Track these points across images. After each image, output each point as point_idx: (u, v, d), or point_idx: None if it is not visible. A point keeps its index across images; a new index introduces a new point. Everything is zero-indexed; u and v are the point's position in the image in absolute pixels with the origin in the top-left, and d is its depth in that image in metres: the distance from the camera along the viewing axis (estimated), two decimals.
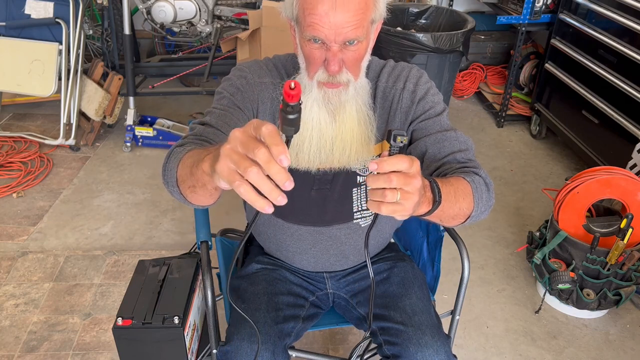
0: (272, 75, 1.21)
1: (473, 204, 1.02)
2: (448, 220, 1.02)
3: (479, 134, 3.38)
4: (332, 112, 1.12)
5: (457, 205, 0.99)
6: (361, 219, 1.29)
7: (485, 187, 1.06)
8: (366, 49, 1.10)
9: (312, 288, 1.39)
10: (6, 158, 2.92)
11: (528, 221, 2.61)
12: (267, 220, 1.34)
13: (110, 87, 3.08)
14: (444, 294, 2.07)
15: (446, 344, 1.21)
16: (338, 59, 1.05)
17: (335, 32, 1.01)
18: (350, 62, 1.07)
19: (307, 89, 1.12)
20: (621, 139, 2.50)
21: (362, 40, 1.05)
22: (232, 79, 1.20)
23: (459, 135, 1.16)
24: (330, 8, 0.99)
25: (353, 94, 1.12)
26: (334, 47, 1.03)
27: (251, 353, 1.16)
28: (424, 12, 3.22)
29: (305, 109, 1.12)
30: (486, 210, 1.06)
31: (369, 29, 1.07)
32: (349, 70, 1.08)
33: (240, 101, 1.17)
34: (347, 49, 1.05)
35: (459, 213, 1.01)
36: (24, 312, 2.01)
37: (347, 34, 1.02)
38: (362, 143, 1.16)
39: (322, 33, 1.02)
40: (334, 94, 1.10)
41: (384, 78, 1.21)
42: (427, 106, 1.18)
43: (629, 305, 2.15)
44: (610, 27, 2.60)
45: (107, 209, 2.62)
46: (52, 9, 2.91)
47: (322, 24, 1.01)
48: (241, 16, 3.21)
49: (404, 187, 0.80)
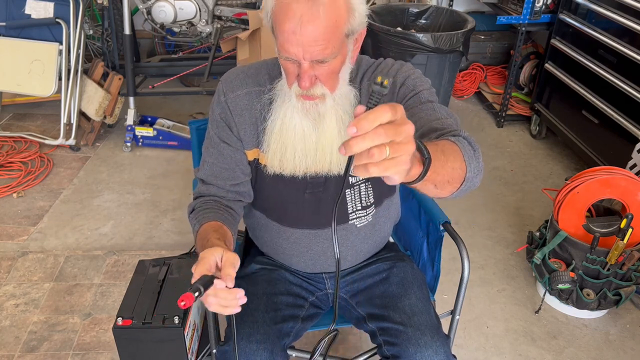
0: (247, 84, 1.21)
1: (465, 163, 0.92)
2: (444, 186, 0.90)
3: (479, 134, 3.38)
4: (313, 120, 1.12)
5: (449, 164, 0.89)
6: (356, 219, 1.30)
7: (470, 146, 0.96)
8: (342, 62, 1.07)
9: (311, 288, 1.39)
10: (6, 158, 2.92)
11: (528, 221, 2.61)
12: (264, 225, 1.34)
13: (111, 87, 3.08)
14: (444, 294, 2.07)
15: (445, 344, 1.21)
16: (309, 75, 1.03)
17: (304, 50, 0.99)
18: (324, 77, 1.06)
19: (287, 98, 1.12)
20: (621, 139, 2.50)
21: (335, 56, 1.03)
22: (213, 108, 1.24)
23: (440, 107, 1.11)
24: (297, 26, 0.97)
25: (331, 104, 1.11)
26: (304, 65, 1.02)
27: (250, 352, 1.16)
28: (424, 12, 3.22)
29: (286, 118, 1.13)
30: (478, 172, 0.96)
31: (344, 43, 1.04)
32: (324, 84, 1.07)
33: (225, 135, 1.22)
34: (319, 66, 1.03)
35: (452, 175, 0.90)
36: (24, 312, 2.01)
37: (315, 54, 1.00)
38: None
39: (291, 52, 1.00)
40: (311, 106, 1.10)
41: (369, 75, 1.21)
42: (408, 90, 1.16)
43: (629, 305, 2.15)
44: (610, 27, 2.60)
45: (107, 209, 2.62)
46: (52, 9, 2.92)
47: (290, 42, 0.99)
48: (241, 16, 3.21)
49: (395, 138, 0.67)
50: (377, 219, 1.33)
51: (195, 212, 1.21)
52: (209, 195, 1.25)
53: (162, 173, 2.92)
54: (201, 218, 1.17)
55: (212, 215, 1.18)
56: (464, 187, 0.93)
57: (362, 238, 1.33)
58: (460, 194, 0.95)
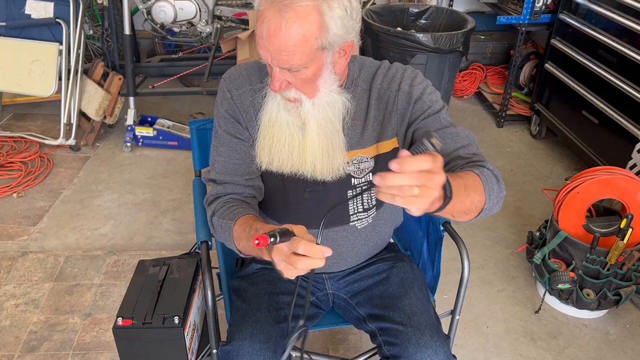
0: (251, 81, 1.22)
1: (485, 196, 1.00)
2: (460, 216, 0.99)
3: (479, 134, 3.38)
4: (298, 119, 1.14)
5: (469, 199, 0.96)
6: (357, 221, 1.30)
7: (495, 178, 1.04)
8: (317, 73, 1.07)
9: (312, 289, 1.39)
10: (6, 158, 2.92)
11: (528, 221, 2.61)
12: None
13: (111, 87, 3.08)
14: (444, 294, 2.07)
15: (445, 344, 1.21)
16: (278, 79, 1.06)
17: (272, 57, 1.02)
18: (297, 84, 1.08)
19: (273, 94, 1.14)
20: (621, 139, 2.50)
21: (305, 67, 1.04)
22: (217, 106, 1.24)
23: (460, 131, 1.15)
24: (267, 33, 1.00)
25: (310, 109, 1.12)
26: (274, 70, 1.05)
27: (253, 352, 1.16)
28: (424, 12, 3.22)
29: (273, 112, 1.15)
30: (498, 202, 1.04)
31: (317, 56, 1.04)
32: (298, 89, 1.09)
33: (233, 129, 1.22)
34: (289, 73, 1.05)
35: (471, 207, 0.99)
36: (24, 312, 2.01)
37: (281, 62, 1.02)
38: (323, 157, 1.16)
39: (263, 54, 1.04)
40: (292, 107, 1.13)
41: (379, 79, 1.21)
42: (425, 106, 1.17)
43: (629, 305, 2.15)
44: (610, 27, 2.60)
45: (107, 209, 2.62)
46: (52, 9, 2.92)
47: (260, 46, 1.03)
48: (241, 16, 3.21)
49: (427, 184, 0.77)
50: (378, 221, 1.34)
51: (221, 213, 1.18)
52: (226, 194, 1.22)
53: (162, 173, 2.92)
54: (232, 215, 1.15)
55: (241, 211, 1.16)
56: (481, 215, 1.02)
57: (363, 239, 1.33)
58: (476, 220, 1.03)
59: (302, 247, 0.86)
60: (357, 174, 1.24)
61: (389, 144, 1.23)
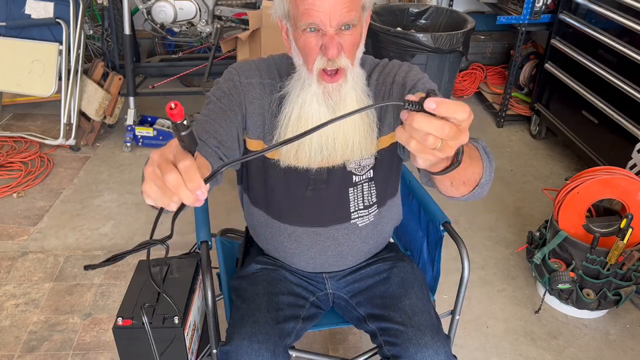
0: (261, 75, 1.22)
1: (482, 169, 0.97)
2: (458, 185, 0.96)
3: (479, 134, 3.37)
4: (333, 108, 1.12)
5: (470, 169, 0.94)
6: (358, 218, 1.30)
7: (487, 156, 1.01)
8: (360, 35, 1.10)
9: (312, 288, 1.39)
10: (6, 158, 2.92)
11: (528, 221, 2.61)
12: (264, 222, 1.34)
13: (111, 87, 3.08)
14: (444, 294, 2.07)
15: (446, 344, 1.21)
16: (336, 42, 1.05)
17: (330, 15, 1.02)
18: (347, 47, 1.08)
19: (307, 84, 1.12)
20: (621, 139, 2.50)
21: (356, 24, 1.06)
22: (220, 82, 1.21)
23: None
24: None
25: (352, 83, 1.12)
26: (330, 31, 1.04)
27: (252, 352, 1.16)
28: (424, 12, 3.22)
29: (305, 105, 1.12)
30: (489, 181, 1.00)
31: (361, 15, 1.08)
32: (347, 55, 1.08)
33: (227, 104, 1.17)
34: (342, 33, 1.06)
35: (470, 178, 0.96)
36: (24, 312, 2.01)
37: (342, 17, 1.03)
38: (364, 134, 1.16)
39: (317, 18, 1.03)
40: (334, 89, 1.11)
41: (375, 76, 1.22)
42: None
43: (629, 305, 2.15)
44: (610, 27, 2.60)
45: (107, 209, 2.62)
46: (52, 9, 2.92)
47: (316, 8, 1.02)
48: (241, 16, 3.21)
49: (450, 141, 0.70)
50: (379, 219, 1.33)
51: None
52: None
53: None
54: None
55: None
56: (475, 191, 0.98)
57: (364, 238, 1.33)
58: (469, 198, 1.00)
59: (187, 162, 0.68)
60: (358, 171, 1.25)
61: (386, 139, 1.23)
